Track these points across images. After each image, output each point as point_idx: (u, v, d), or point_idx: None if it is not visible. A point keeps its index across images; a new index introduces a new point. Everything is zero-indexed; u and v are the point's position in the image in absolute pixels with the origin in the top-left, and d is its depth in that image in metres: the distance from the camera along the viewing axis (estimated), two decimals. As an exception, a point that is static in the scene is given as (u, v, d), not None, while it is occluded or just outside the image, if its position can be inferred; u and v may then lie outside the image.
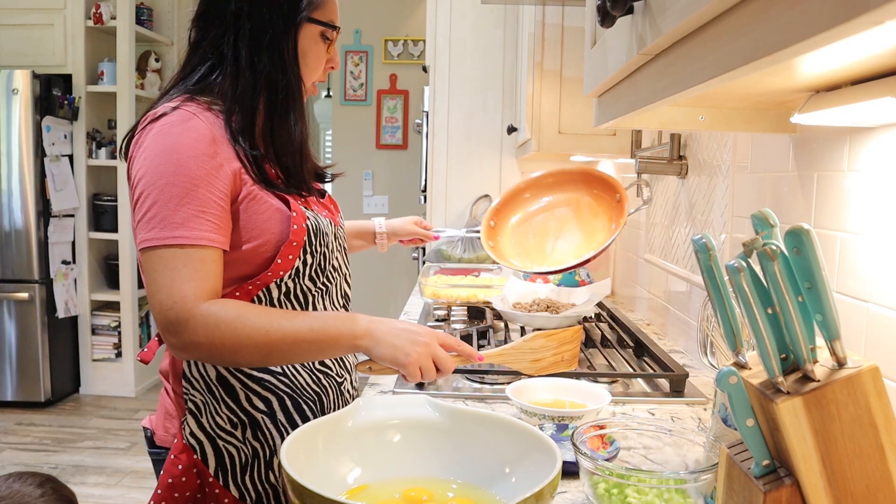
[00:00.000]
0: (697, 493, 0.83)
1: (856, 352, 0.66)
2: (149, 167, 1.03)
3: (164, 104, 1.10)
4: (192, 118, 1.06)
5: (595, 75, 0.96)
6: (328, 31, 1.17)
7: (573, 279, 2.10)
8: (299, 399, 1.17)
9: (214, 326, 1.00)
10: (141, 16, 4.38)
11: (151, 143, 1.05)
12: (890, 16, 0.34)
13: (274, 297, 1.14)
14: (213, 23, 1.13)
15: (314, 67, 1.19)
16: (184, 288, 1.01)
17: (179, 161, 1.03)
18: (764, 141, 1.28)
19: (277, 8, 1.12)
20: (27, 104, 3.96)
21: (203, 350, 1.01)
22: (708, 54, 0.55)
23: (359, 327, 1.05)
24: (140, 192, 1.04)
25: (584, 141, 2.20)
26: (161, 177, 1.02)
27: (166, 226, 1.02)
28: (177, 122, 1.05)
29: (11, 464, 3.39)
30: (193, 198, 1.03)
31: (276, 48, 1.12)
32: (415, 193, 4.87)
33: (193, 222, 1.02)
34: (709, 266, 0.69)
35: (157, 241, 1.01)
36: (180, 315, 1.00)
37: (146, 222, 1.02)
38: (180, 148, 1.03)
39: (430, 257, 2.92)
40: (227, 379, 1.12)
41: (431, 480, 0.88)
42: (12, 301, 4.07)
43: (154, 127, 1.06)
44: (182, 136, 1.04)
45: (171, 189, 1.02)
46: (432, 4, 3.08)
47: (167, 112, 1.07)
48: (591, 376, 1.43)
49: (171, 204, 1.02)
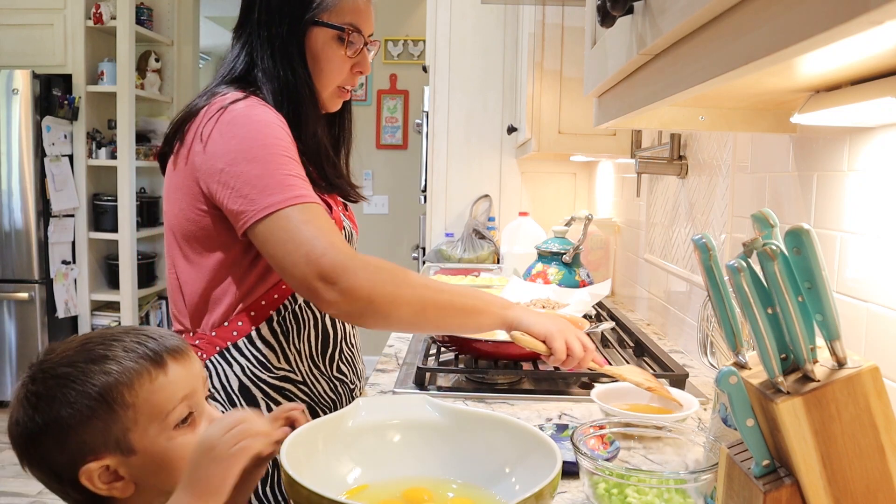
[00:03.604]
0: (697, 493, 0.83)
1: (856, 352, 0.66)
2: (244, 143, 1.03)
3: (223, 94, 1.10)
4: (265, 105, 1.09)
5: (595, 75, 0.96)
6: (348, 35, 1.16)
7: (573, 279, 2.10)
8: (316, 407, 1.18)
9: (375, 270, 0.98)
10: (141, 16, 4.37)
11: (238, 123, 1.04)
12: (890, 16, 0.34)
13: (297, 304, 1.15)
14: (243, 31, 1.18)
15: (331, 71, 1.17)
16: (330, 237, 0.99)
17: (275, 134, 1.04)
18: (764, 141, 1.28)
19: (286, 14, 1.13)
20: (27, 104, 3.96)
21: (363, 295, 0.97)
22: (708, 54, 0.55)
23: (505, 301, 1.08)
24: (239, 168, 1.02)
25: (584, 141, 2.20)
26: (263, 147, 1.02)
27: (284, 188, 1.01)
28: (255, 105, 1.07)
29: (11, 464, 3.39)
30: (294, 167, 1.04)
31: (285, 53, 1.14)
32: (415, 193, 4.86)
33: (305, 185, 1.03)
34: (709, 266, 0.69)
35: (284, 202, 1.00)
36: (336, 259, 0.96)
37: (261, 190, 1.00)
38: (271, 123, 1.05)
39: (430, 257, 2.92)
40: (250, 389, 1.12)
41: (431, 480, 0.88)
42: (12, 301, 4.06)
43: (234, 109, 1.06)
44: (267, 114, 1.07)
45: (277, 159, 1.02)
46: (432, 4, 3.08)
47: (238, 99, 1.08)
48: (592, 376, 1.43)
49: (280, 171, 1.01)
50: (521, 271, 2.26)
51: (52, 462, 0.71)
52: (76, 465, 0.70)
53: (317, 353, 1.19)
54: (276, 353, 1.14)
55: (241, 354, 1.12)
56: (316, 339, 1.18)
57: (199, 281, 1.12)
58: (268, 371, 1.13)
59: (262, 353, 1.13)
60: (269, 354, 1.13)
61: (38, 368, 0.74)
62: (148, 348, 0.74)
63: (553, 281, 2.09)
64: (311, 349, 1.18)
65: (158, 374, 0.73)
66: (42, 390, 0.71)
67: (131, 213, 4.30)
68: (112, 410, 0.70)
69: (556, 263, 2.11)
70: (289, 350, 1.15)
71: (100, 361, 0.72)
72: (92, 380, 0.71)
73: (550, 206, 3.10)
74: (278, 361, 1.14)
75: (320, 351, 1.19)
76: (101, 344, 0.74)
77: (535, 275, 2.12)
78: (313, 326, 1.18)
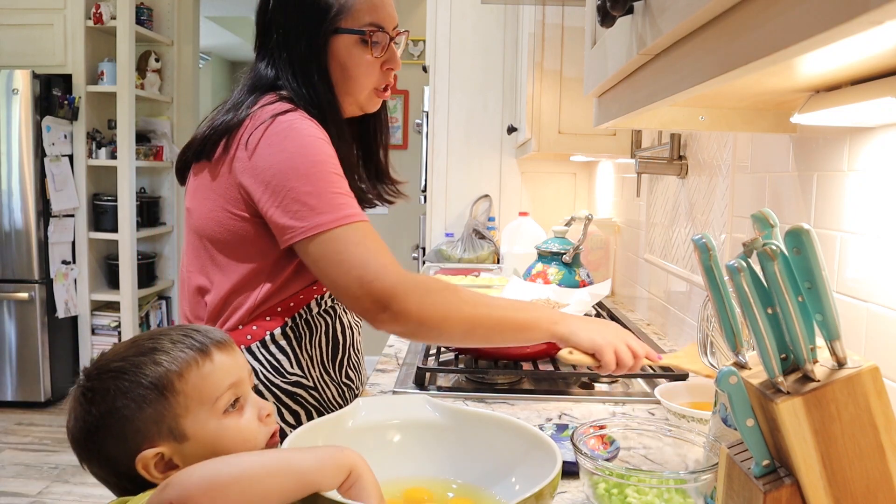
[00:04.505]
0: (697, 493, 0.83)
1: (856, 352, 0.66)
2: (293, 157, 1.03)
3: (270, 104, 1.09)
4: (309, 119, 1.09)
5: (595, 75, 0.96)
6: (370, 36, 1.14)
7: (573, 279, 2.10)
8: (325, 412, 1.19)
9: (425, 292, 1.00)
10: (141, 16, 4.37)
11: (287, 134, 1.05)
12: (890, 16, 0.34)
13: (313, 313, 1.16)
14: (265, 53, 1.17)
15: (361, 76, 1.16)
16: (381, 258, 1.02)
17: (326, 151, 1.06)
18: (764, 141, 1.28)
19: (303, 31, 1.12)
20: (27, 104, 3.96)
21: (412, 319, 1.01)
22: (708, 54, 0.56)
23: (555, 314, 1.08)
24: (289, 181, 1.03)
25: (584, 141, 2.20)
26: (312, 164, 1.03)
27: (334, 207, 1.03)
28: (301, 118, 1.07)
29: (11, 464, 3.39)
30: (341, 184, 1.05)
31: (305, 72, 1.13)
32: (415, 193, 4.86)
33: (353, 202, 1.05)
34: (709, 266, 0.69)
35: (333, 223, 1.02)
36: (386, 284, 1.00)
37: (312, 208, 1.02)
38: (317, 139, 1.06)
39: (430, 257, 2.92)
40: (263, 395, 1.13)
41: (431, 480, 0.88)
42: (12, 301, 4.06)
43: (282, 121, 1.06)
44: (312, 128, 1.07)
45: (327, 176, 1.04)
46: (432, 4, 3.08)
47: (286, 111, 1.07)
48: (592, 376, 1.43)
49: (329, 189, 1.03)
50: (521, 271, 2.26)
51: (109, 454, 0.73)
52: (132, 455, 0.72)
53: (327, 359, 1.20)
54: (288, 358, 1.15)
55: (255, 358, 1.13)
56: (326, 345, 1.20)
57: (225, 284, 1.13)
58: (281, 376, 1.14)
59: (275, 358, 1.14)
60: (283, 359, 1.14)
61: (91, 368, 0.77)
62: (195, 339, 0.77)
63: (553, 281, 2.09)
64: (322, 355, 1.19)
65: (205, 362, 0.76)
66: (97, 385, 0.75)
67: (131, 213, 4.30)
68: (164, 398, 0.73)
69: (556, 263, 2.11)
70: (301, 355, 1.16)
71: (149, 353, 0.75)
72: (143, 370, 0.74)
73: (550, 206, 3.10)
74: (291, 367, 1.15)
75: (330, 356, 1.21)
76: (150, 339, 0.78)
77: (535, 275, 2.12)
78: (324, 333, 1.19)
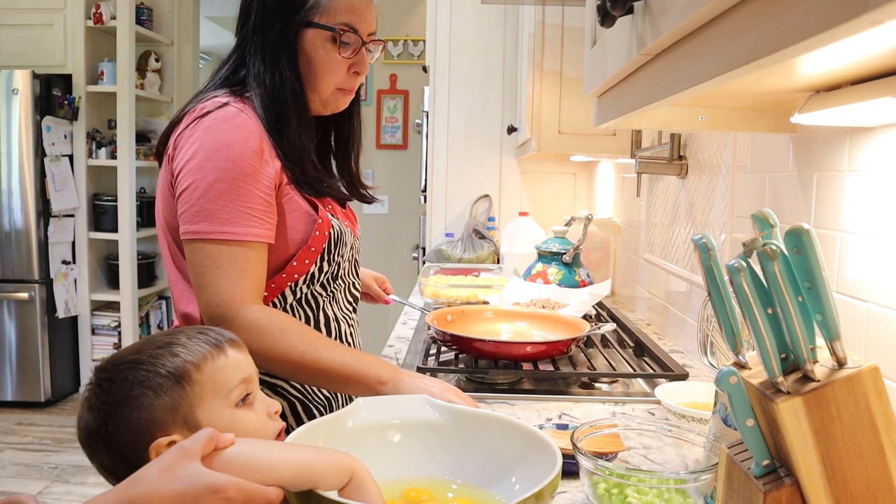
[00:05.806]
0: (697, 493, 0.83)
1: (856, 352, 0.66)
2: (199, 161, 1.05)
3: (209, 99, 1.11)
4: (241, 115, 1.09)
5: (595, 75, 0.96)
6: (340, 35, 1.14)
7: (573, 279, 2.10)
8: (310, 404, 1.19)
9: (256, 334, 1.03)
10: (141, 16, 4.37)
11: (202, 137, 1.07)
12: (890, 16, 0.34)
13: (288, 303, 1.16)
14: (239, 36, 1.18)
15: (326, 73, 1.16)
16: (231, 288, 1.05)
17: (230, 157, 1.06)
18: (764, 141, 1.28)
19: (279, 17, 1.13)
20: (27, 104, 3.96)
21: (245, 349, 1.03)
22: (708, 54, 0.56)
23: (385, 374, 1.07)
24: (189, 183, 1.06)
25: (584, 141, 2.20)
26: (212, 172, 1.05)
27: (214, 220, 1.05)
28: (227, 118, 1.08)
29: (11, 464, 3.39)
30: (242, 194, 1.06)
31: (274, 57, 1.14)
32: (415, 193, 4.86)
33: (241, 218, 1.05)
34: (709, 266, 0.69)
35: (205, 234, 1.05)
36: (226, 315, 1.04)
37: (194, 214, 1.05)
38: (231, 145, 1.06)
39: (430, 257, 2.92)
40: None
41: (431, 480, 0.88)
42: (12, 301, 4.06)
43: (204, 122, 1.08)
44: (233, 132, 1.07)
45: (220, 185, 1.05)
46: (432, 4, 3.08)
47: (217, 108, 1.09)
48: (592, 376, 1.43)
49: (220, 199, 1.05)
50: (521, 271, 2.26)
51: (122, 442, 0.74)
52: (146, 443, 0.72)
53: None
54: None
55: None
56: None
57: None
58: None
59: None
60: None
61: (105, 363, 0.78)
62: (209, 336, 0.80)
63: (553, 281, 2.09)
64: None
65: (220, 356, 0.79)
66: (114, 376, 0.76)
67: (131, 213, 4.30)
68: (181, 387, 0.75)
69: (556, 263, 2.11)
70: None
71: (166, 347, 0.77)
72: (161, 360, 0.76)
73: (550, 206, 3.10)
74: None
75: None
76: (165, 335, 0.80)
77: (535, 275, 2.12)
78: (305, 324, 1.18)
